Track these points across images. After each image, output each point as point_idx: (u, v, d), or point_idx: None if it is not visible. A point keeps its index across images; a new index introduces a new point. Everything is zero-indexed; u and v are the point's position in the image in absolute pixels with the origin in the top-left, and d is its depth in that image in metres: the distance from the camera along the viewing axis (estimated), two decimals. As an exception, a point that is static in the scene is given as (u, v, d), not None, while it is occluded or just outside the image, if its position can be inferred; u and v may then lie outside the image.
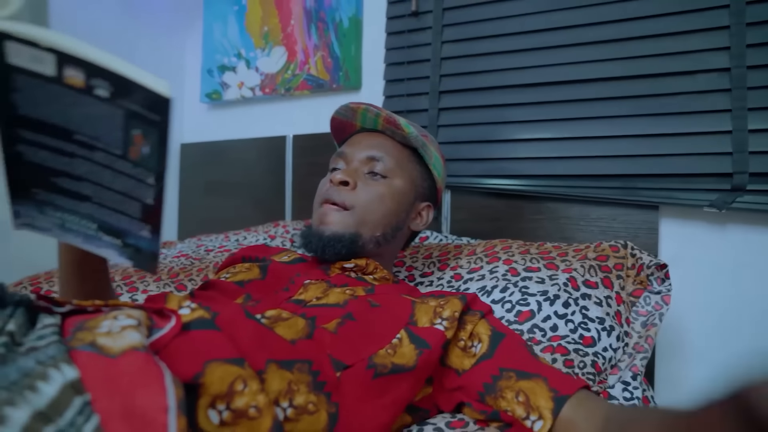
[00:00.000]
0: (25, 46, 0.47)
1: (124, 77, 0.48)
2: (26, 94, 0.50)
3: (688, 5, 1.29)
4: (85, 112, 0.51)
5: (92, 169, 0.55)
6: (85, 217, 0.60)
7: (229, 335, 0.58)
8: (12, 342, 0.47)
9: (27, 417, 0.38)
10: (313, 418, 0.59)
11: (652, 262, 1.03)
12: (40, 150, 0.55)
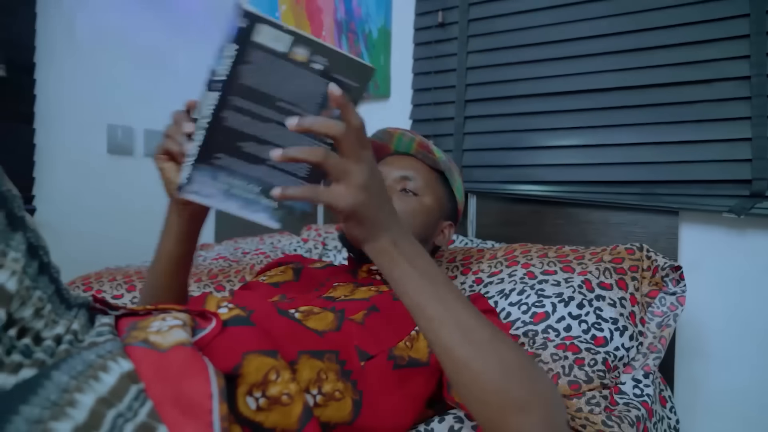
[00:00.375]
0: (272, 28, 0.60)
1: (341, 53, 0.61)
2: (254, 66, 0.62)
3: (708, 15, 1.31)
4: (296, 82, 0.63)
5: (281, 133, 0.65)
6: (252, 180, 0.68)
7: (263, 330, 0.64)
8: (75, 339, 0.54)
9: (93, 401, 0.45)
10: (339, 404, 0.65)
11: (667, 264, 1.06)
12: (242, 115, 0.65)
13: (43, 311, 0.52)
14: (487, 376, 0.58)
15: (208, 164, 0.68)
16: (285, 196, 0.59)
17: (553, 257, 1.13)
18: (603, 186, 1.43)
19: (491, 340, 0.59)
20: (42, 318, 0.52)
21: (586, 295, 1.01)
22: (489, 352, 0.59)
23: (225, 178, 0.68)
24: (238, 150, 0.67)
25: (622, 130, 1.41)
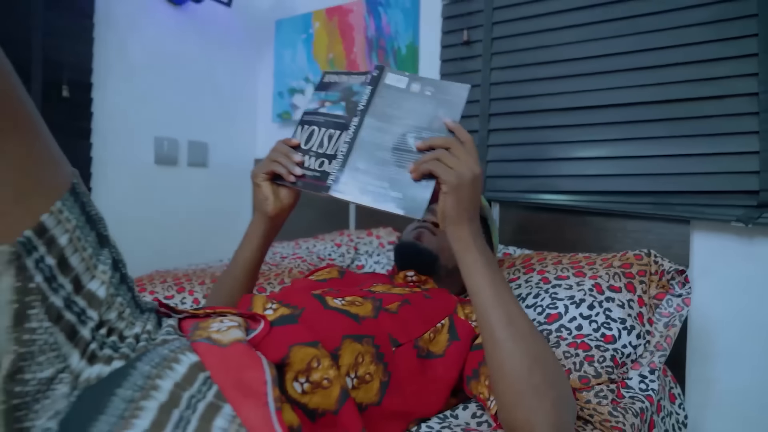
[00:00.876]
0: (394, 73, 0.91)
1: (442, 81, 0.89)
2: (384, 99, 0.89)
3: (719, 34, 1.39)
4: (413, 105, 0.88)
5: (403, 141, 0.86)
6: (383, 179, 0.84)
7: (307, 325, 0.76)
8: (149, 337, 0.66)
9: (171, 385, 0.57)
10: (368, 386, 0.76)
11: (672, 268, 1.15)
12: (375, 132, 0.88)
13: (123, 314, 0.64)
14: (515, 359, 0.71)
15: (351, 168, 0.86)
16: (418, 169, 0.80)
17: (566, 264, 1.23)
18: (619, 196, 1.51)
19: (527, 331, 0.73)
20: (123, 320, 0.64)
21: (597, 297, 1.10)
22: (522, 340, 0.72)
23: (362, 178, 0.85)
24: (372, 156, 0.86)
25: (637, 143, 1.50)
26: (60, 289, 0.58)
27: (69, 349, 0.58)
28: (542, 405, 0.70)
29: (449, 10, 1.85)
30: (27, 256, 0.55)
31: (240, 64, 2.35)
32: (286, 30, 2.27)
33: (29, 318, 0.55)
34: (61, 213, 0.58)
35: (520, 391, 0.70)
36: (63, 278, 0.58)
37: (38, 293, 0.56)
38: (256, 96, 2.42)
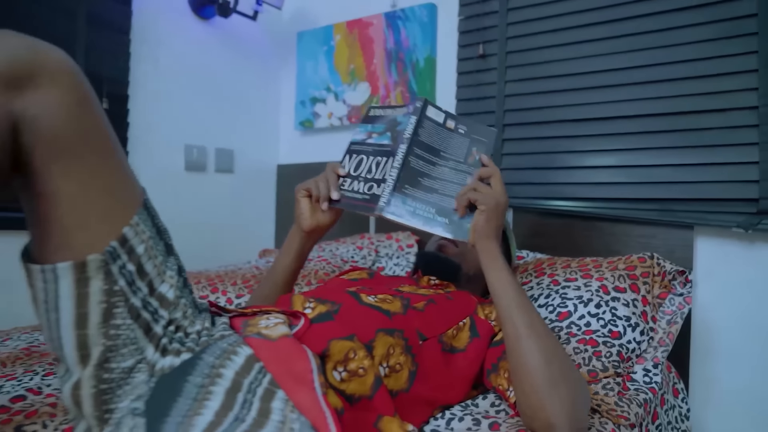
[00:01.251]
0: (435, 108, 1.03)
1: (474, 123, 1.03)
2: (426, 130, 1.01)
3: (722, 51, 1.48)
4: (450, 140, 1.02)
5: (444, 172, 0.99)
6: (430, 204, 0.96)
7: (344, 319, 0.86)
8: (208, 333, 0.76)
9: (232, 374, 0.67)
10: (398, 375, 0.86)
11: (674, 269, 1.24)
12: (420, 160, 1.00)
13: (187, 314, 0.74)
14: (534, 355, 0.82)
15: (400, 193, 0.96)
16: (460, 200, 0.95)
17: (575, 267, 1.32)
18: (626, 202, 1.60)
19: (544, 332, 0.86)
20: (187, 318, 0.74)
21: (603, 297, 1.19)
22: (540, 339, 0.84)
23: (411, 203, 0.96)
24: (418, 183, 0.98)
25: (644, 152, 1.59)
26: (138, 291, 0.68)
27: (145, 343, 0.68)
28: (558, 393, 0.80)
29: (465, 24, 1.95)
30: (112, 263, 0.65)
31: (264, 75, 2.46)
32: (308, 42, 2.37)
33: (115, 316, 0.66)
34: (137, 225, 0.68)
35: (539, 383, 0.81)
36: (140, 282, 0.68)
37: (122, 295, 0.66)
38: (278, 105, 2.53)
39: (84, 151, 0.63)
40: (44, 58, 0.60)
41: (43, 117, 0.60)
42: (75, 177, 0.63)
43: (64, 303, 0.64)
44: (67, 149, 0.62)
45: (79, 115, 0.63)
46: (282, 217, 2.45)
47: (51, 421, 0.84)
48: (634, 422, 0.98)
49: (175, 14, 2.08)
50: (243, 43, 2.34)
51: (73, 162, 0.62)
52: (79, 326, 0.65)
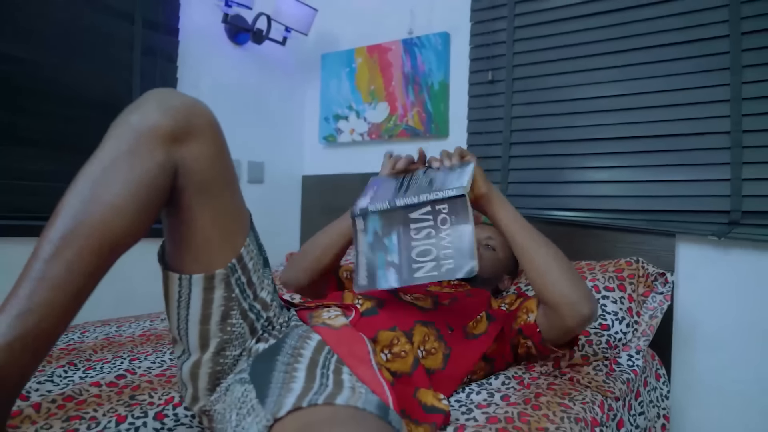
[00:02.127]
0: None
1: None
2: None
3: (700, 83, 1.71)
4: None
5: None
6: None
7: (388, 312, 1.09)
8: (287, 324, 0.99)
9: (310, 353, 0.89)
10: (434, 357, 1.09)
11: (655, 271, 1.48)
12: None
13: (275, 311, 0.97)
14: (562, 283, 1.07)
15: None
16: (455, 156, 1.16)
17: (573, 269, 1.56)
18: (619, 213, 1.84)
19: (566, 265, 1.11)
20: (275, 315, 0.97)
21: (595, 295, 1.43)
22: (564, 270, 1.09)
23: None
24: None
25: (634, 170, 1.82)
26: (247, 297, 0.90)
27: (249, 336, 0.91)
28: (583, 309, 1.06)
29: (476, 53, 2.18)
30: (231, 276, 0.86)
31: (291, 93, 2.70)
32: (332, 63, 2.61)
33: (230, 316, 0.88)
34: (248, 246, 0.89)
35: (558, 277, 1.08)
36: (248, 290, 0.90)
37: (236, 300, 0.88)
38: (304, 120, 2.77)
39: (219, 191, 0.84)
40: (198, 117, 0.79)
41: (195, 165, 0.79)
42: (210, 210, 0.83)
43: (194, 304, 0.85)
44: (208, 190, 0.82)
45: (219, 163, 0.83)
46: (306, 222, 2.69)
47: (154, 392, 1.08)
48: (618, 396, 1.21)
49: (214, 42, 2.32)
50: (273, 66, 2.58)
51: (211, 199, 0.82)
52: (203, 323, 0.87)
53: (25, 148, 1.73)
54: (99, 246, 0.70)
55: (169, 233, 0.86)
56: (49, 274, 0.67)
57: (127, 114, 0.77)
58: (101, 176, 0.72)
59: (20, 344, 0.64)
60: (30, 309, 0.65)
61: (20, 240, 1.68)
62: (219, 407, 0.90)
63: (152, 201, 0.75)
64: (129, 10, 1.98)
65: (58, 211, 0.71)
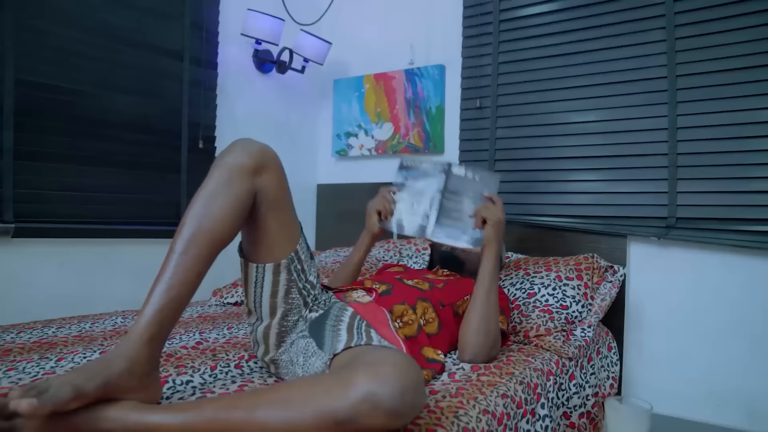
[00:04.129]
0: (457, 167, 1.62)
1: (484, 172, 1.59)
2: (452, 182, 1.59)
3: (643, 114, 2.13)
4: (469, 186, 1.58)
5: (464, 206, 1.57)
6: (456, 228, 1.56)
7: (397, 293, 1.50)
8: (328, 301, 1.39)
9: (347, 319, 1.29)
10: (431, 324, 1.50)
11: (606, 265, 1.90)
12: (450, 202, 1.58)
13: (318, 290, 1.38)
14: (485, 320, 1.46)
15: (439, 224, 1.58)
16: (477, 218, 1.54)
17: (541, 264, 1.98)
18: (582, 218, 2.26)
19: (496, 310, 1.48)
20: (319, 293, 1.38)
21: (558, 283, 1.85)
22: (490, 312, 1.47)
23: (446, 229, 1.58)
24: (450, 216, 1.57)
25: (594, 183, 2.24)
26: (301, 279, 1.30)
27: (303, 307, 1.32)
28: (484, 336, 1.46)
29: (466, 83, 2.60)
30: (291, 265, 1.26)
31: (307, 113, 3.11)
32: (343, 88, 3.02)
33: (291, 292, 1.28)
34: (301, 243, 1.30)
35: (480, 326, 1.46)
36: (302, 275, 1.29)
37: (294, 281, 1.28)
38: (318, 137, 3.18)
39: (282, 206, 1.23)
40: (267, 156, 1.18)
41: (267, 189, 1.18)
42: (277, 219, 1.23)
43: (266, 284, 1.25)
44: (275, 206, 1.22)
45: (282, 187, 1.22)
46: (321, 226, 3.10)
47: (228, 353, 1.48)
48: (571, 357, 1.63)
49: (245, 73, 2.74)
50: (293, 91, 3.00)
51: (277, 212, 1.22)
52: (272, 297, 1.27)
53: (90, 167, 2.12)
54: (210, 245, 1.10)
55: (248, 235, 1.24)
56: (182, 263, 1.07)
57: (223, 156, 1.17)
58: (209, 199, 1.12)
59: (167, 307, 1.04)
60: (171, 285, 1.06)
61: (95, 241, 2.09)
62: (285, 357, 1.30)
63: (241, 214, 1.14)
64: (179, 50, 2.39)
65: (183, 222, 1.10)
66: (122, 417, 0.93)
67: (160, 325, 1.02)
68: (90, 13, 2.08)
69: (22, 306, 1.91)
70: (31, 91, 1.92)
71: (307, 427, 0.84)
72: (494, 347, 1.49)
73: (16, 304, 1.90)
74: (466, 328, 1.48)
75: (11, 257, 1.89)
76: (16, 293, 1.92)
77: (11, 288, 1.90)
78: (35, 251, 1.96)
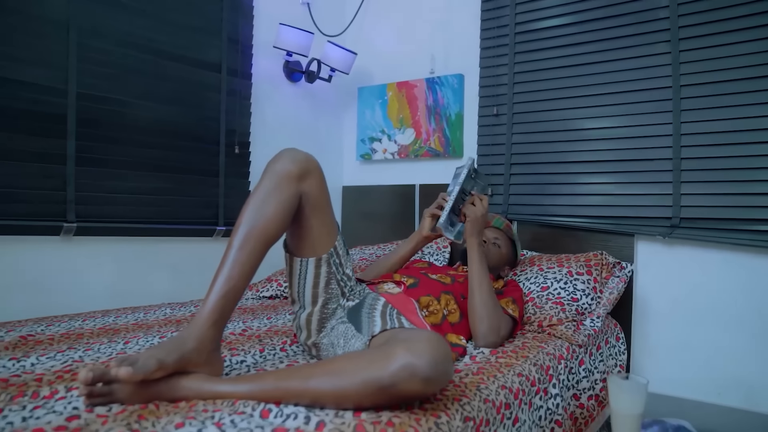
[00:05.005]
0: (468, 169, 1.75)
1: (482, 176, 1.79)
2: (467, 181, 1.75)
3: (650, 122, 2.28)
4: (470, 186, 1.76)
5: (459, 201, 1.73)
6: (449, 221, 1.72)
7: (423, 286, 1.68)
8: (363, 291, 1.58)
9: (380, 307, 1.49)
10: (454, 314, 1.68)
11: (614, 261, 2.06)
12: (459, 200, 1.72)
13: (353, 281, 1.56)
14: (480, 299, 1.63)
15: (447, 217, 1.72)
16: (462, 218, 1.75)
17: (554, 260, 2.14)
18: (593, 218, 2.42)
19: (493, 298, 1.65)
20: (354, 284, 1.56)
21: (569, 278, 2.01)
22: (486, 297, 1.64)
23: (454, 222, 1.74)
24: (455, 211, 1.73)
25: (605, 186, 2.40)
26: (339, 272, 1.47)
27: (340, 296, 1.50)
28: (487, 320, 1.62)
29: (484, 91, 2.77)
30: (331, 259, 1.44)
31: (334, 119, 3.30)
32: (367, 95, 3.20)
33: (330, 283, 1.45)
34: (339, 241, 1.47)
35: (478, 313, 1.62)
36: (340, 268, 1.47)
37: (334, 274, 1.45)
38: (343, 141, 3.37)
39: (323, 207, 1.41)
40: (311, 164, 1.36)
41: (310, 193, 1.36)
42: (318, 219, 1.41)
43: (309, 276, 1.43)
44: (317, 207, 1.39)
45: (323, 191, 1.40)
46: (346, 225, 3.28)
47: (272, 339, 1.66)
48: (581, 344, 1.80)
49: (275, 82, 2.93)
50: (320, 98, 3.19)
51: (319, 212, 1.40)
52: (314, 287, 1.45)
53: (138, 172, 2.32)
54: (263, 241, 1.28)
55: (293, 233, 1.41)
56: (239, 257, 1.25)
57: (272, 164, 1.35)
58: (261, 202, 1.30)
59: (227, 295, 1.21)
60: (230, 276, 1.24)
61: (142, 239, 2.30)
62: (326, 340, 1.47)
63: (289, 215, 1.32)
64: (218, 62, 2.59)
65: (239, 222, 1.27)
66: (197, 386, 1.12)
67: (222, 310, 1.20)
68: (139, 32, 2.28)
69: (82, 296, 2.12)
70: (90, 103, 2.12)
71: (354, 392, 1.02)
72: (502, 328, 1.66)
73: (77, 294, 2.11)
74: (472, 318, 1.66)
75: (73, 253, 2.11)
76: (78, 285, 2.13)
77: (74, 280, 2.12)
78: (93, 248, 2.17)
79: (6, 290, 1.93)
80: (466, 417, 1.12)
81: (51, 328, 1.66)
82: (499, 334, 1.64)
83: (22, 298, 1.96)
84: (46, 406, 1.03)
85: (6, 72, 1.90)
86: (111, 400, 1.05)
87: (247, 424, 0.97)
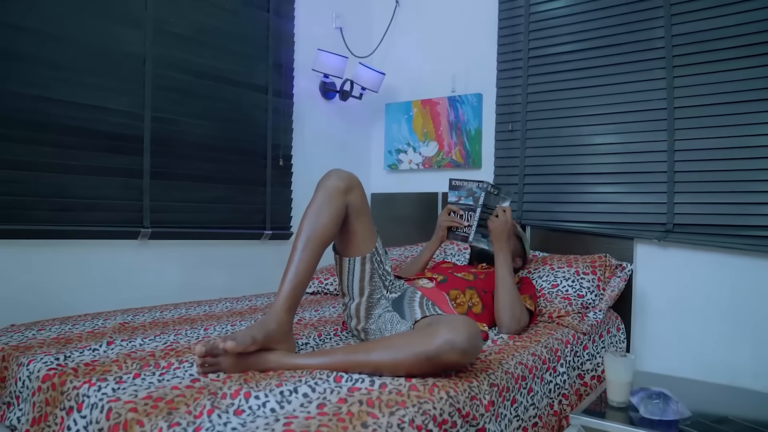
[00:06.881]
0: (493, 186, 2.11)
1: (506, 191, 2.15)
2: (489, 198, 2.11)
3: (647, 138, 2.59)
4: (494, 201, 2.10)
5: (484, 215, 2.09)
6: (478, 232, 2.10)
7: (450, 282, 2.01)
8: (401, 286, 1.91)
9: (418, 299, 1.81)
10: (477, 306, 2.00)
11: (616, 263, 2.38)
12: (484, 214, 2.09)
13: (393, 277, 1.89)
14: (506, 297, 1.97)
15: (476, 231, 2.09)
16: None
17: (563, 261, 2.46)
18: (598, 223, 2.73)
19: (515, 295, 1.99)
20: (393, 279, 1.89)
21: (576, 277, 2.33)
22: (512, 296, 1.97)
23: (477, 235, 2.09)
24: (482, 224, 2.08)
25: (608, 195, 2.71)
26: (381, 268, 1.80)
27: (383, 288, 1.83)
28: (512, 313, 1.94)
29: (500, 109, 3.09)
30: (373, 257, 1.76)
31: (363, 133, 3.63)
32: (393, 110, 3.53)
33: (374, 277, 1.78)
34: (378, 242, 1.80)
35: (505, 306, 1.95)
36: (381, 265, 1.80)
37: (376, 270, 1.77)
38: (371, 153, 3.70)
39: (364, 215, 1.72)
40: (354, 180, 1.67)
41: (354, 203, 1.68)
42: (361, 224, 1.73)
43: (356, 272, 1.74)
44: (360, 214, 1.71)
45: (364, 201, 1.72)
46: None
47: (325, 327, 1.99)
48: (585, 332, 2.12)
49: (313, 100, 3.27)
50: (352, 114, 3.52)
51: (362, 218, 1.72)
52: (361, 281, 1.77)
53: (198, 183, 2.67)
54: (321, 243, 1.61)
55: (341, 237, 1.69)
56: (303, 257, 1.58)
57: (323, 181, 1.66)
58: (317, 212, 1.62)
59: (296, 287, 1.53)
60: (297, 271, 1.57)
61: (202, 242, 2.65)
62: (374, 326, 1.79)
63: (339, 222, 1.64)
64: (265, 84, 2.93)
65: (301, 229, 1.59)
66: (279, 360, 1.45)
67: (293, 299, 1.53)
68: (201, 60, 2.63)
69: (156, 291, 2.47)
70: (161, 125, 2.47)
71: (407, 362, 1.34)
72: (522, 318, 1.97)
73: (151, 289, 2.47)
74: (497, 309, 1.98)
75: (149, 254, 2.46)
76: (152, 282, 2.48)
77: (148, 278, 2.47)
78: (164, 250, 2.52)
79: (93, 286, 2.28)
80: (491, 383, 1.44)
81: (138, 318, 2.00)
82: (520, 324, 1.96)
83: (106, 293, 2.32)
84: (169, 374, 1.35)
85: (96, 100, 2.25)
86: (217, 369, 1.37)
87: (327, 385, 1.29)
